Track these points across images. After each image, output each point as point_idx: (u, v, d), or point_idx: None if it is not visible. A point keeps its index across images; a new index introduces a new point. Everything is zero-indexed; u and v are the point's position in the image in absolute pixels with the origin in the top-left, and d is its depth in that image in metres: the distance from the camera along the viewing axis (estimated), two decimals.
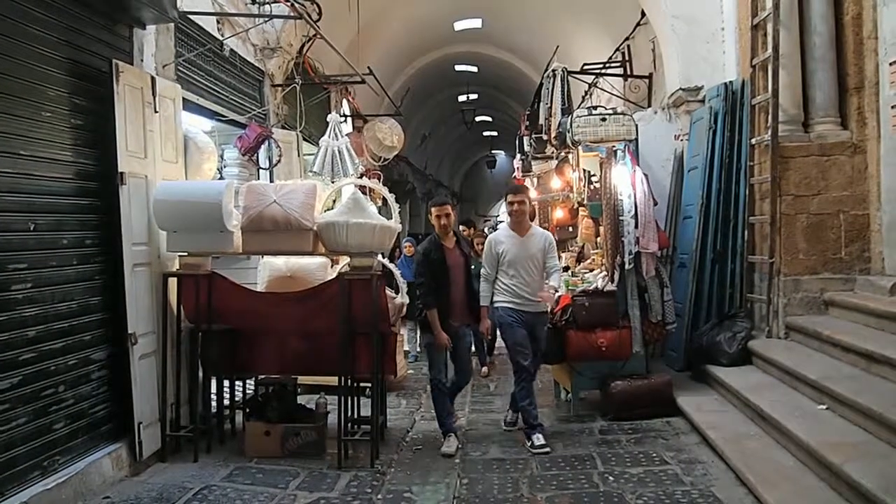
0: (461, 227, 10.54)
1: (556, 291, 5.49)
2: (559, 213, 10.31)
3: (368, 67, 9.58)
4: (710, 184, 6.77)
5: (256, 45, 7.44)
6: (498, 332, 6.06)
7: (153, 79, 5.04)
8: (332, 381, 5.36)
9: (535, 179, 11.94)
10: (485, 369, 8.29)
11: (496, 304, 5.44)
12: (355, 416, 5.49)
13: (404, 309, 5.76)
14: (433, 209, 5.50)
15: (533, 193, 12.27)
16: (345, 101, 10.69)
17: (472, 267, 5.66)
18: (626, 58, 9.54)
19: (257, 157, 7.05)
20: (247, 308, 5.36)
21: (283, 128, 7.94)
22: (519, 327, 5.38)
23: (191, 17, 5.86)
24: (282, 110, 8.07)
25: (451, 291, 5.38)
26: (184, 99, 5.57)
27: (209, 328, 5.24)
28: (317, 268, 5.78)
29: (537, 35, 12.67)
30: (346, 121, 10.11)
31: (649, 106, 8.73)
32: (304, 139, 8.32)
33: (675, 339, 6.70)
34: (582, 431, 5.62)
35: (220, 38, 6.53)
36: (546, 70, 8.44)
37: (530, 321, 5.42)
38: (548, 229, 11.46)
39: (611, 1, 9.55)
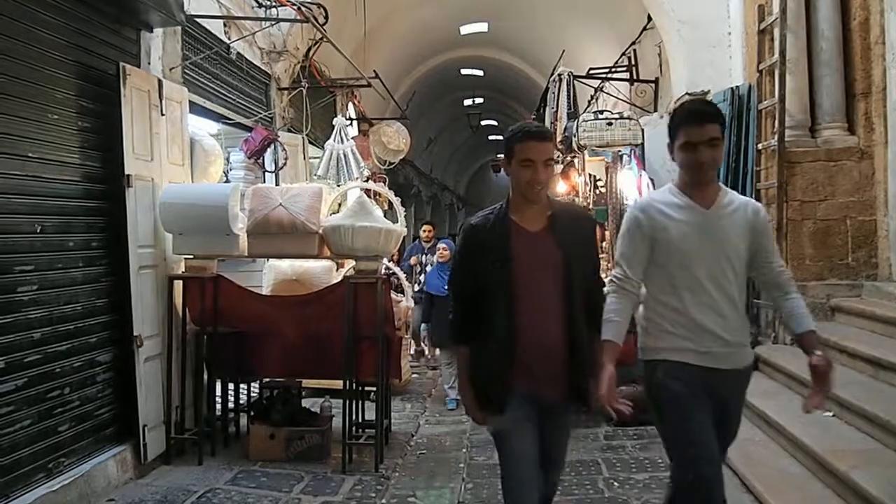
0: (424, 228, 9.72)
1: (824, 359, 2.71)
2: None
3: (374, 71, 9.59)
4: None
5: (263, 48, 7.46)
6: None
7: (160, 82, 5.05)
8: (337, 384, 5.36)
9: None
10: None
11: (648, 355, 2.80)
12: (360, 419, 5.48)
13: (410, 313, 5.73)
14: (516, 146, 2.70)
15: None
16: (350, 105, 10.71)
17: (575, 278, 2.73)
18: (633, 62, 9.53)
19: (263, 160, 7.06)
20: (252, 311, 5.36)
21: (289, 131, 7.96)
22: (698, 406, 2.67)
23: (198, 20, 5.87)
24: (288, 113, 8.09)
25: (520, 320, 2.69)
26: (190, 102, 5.58)
27: (214, 331, 5.24)
28: (322, 271, 5.79)
29: (543, 39, 12.67)
30: (351, 124, 10.13)
31: (655, 110, 8.72)
32: (310, 142, 8.34)
33: None
34: (587, 437, 5.59)
35: (227, 42, 6.55)
36: (552, 74, 8.46)
37: (721, 390, 2.71)
38: None
39: (617, 5, 9.54)
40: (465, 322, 2.81)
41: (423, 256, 9.12)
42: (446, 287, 6.09)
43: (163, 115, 5.05)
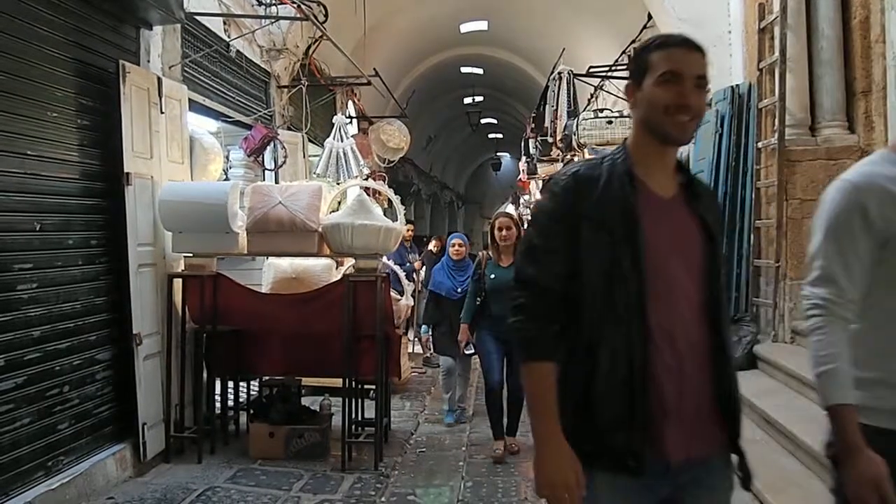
0: (432, 242, 9.73)
1: None
2: None
3: (374, 69, 9.58)
4: (716, 187, 6.74)
5: (262, 46, 7.44)
6: None
7: (159, 79, 5.04)
8: (337, 382, 5.36)
9: (540, 182, 11.97)
10: (499, 446, 5.32)
11: (869, 417, 1.78)
12: (359, 418, 5.48)
13: (409, 310, 5.71)
14: (654, 55, 1.75)
15: (539, 196, 12.31)
16: (350, 103, 10.70)
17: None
18: None
19: (263, 158, 7.05)
20: (251, 309, 5.36)
21: (289, 129, 7.95)
22: None
23: (197, 18, 5.86)
24: (287, 111, 8.08)
25: (654, 333, 1.69)
26: (190, 100, 5.57)
27: (214, 329, 5.24)
28: (322, 269, 5.79)
29: (543, 37, 12.66)
30: (351, 122, 10.12)
31: None
32: (310, 140, 8.33)
33: None
34: None
35: (227, 40, 6.53)
36: (552, 72, 8.45)
37: None
38: None
39: (617, 3, 9.53)
40: (552, 326, 1.74)
41: (409, 255, 9.16)
42: (458, 290, 5.89)
43: (162, 112, 5.04)
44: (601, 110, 6.79)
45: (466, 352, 5.68)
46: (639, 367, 1.66)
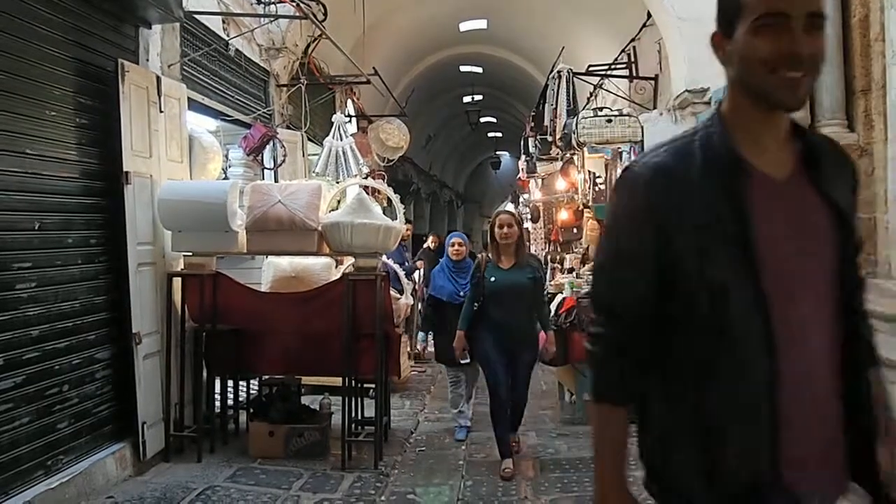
0: (429, 239, 9.80)
1: None
2: (564, 215, 10.35)
3: (374, 68, 9.58)
4: None
5: (262, 45, 7.44)
6: None
7: (159, 78, 5.04)
8: (336, 381, 5.35)
9: (539, 181, 11.99)
10: (508, 465, 4.83)
11: None
12: (359, 416, 5.48)
13: (408, 309, 5.68)
14: None
15: (538, 195, 12.33)
16: (349, 102, 10.70)
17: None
18: (632, 59, 9.51)
19: (262, 157, 7.05)
20: (251, 308, 5.36)
21: (288, 128, 7.94)
22: None
23: (196, 16, 5.86)
24: (287, 110, 8.08)
25: (779, 352, 1.35)
26: (189, 98, 5.56)
27: (213, 328, 5.24)
28: (321, 268, 5.78)
29: (543, 36, 12.66)
30: (350, 121, 10.12)
31: (655, 108, 8.69)
32: (309, 139, 8.33)
33: None
34: (586, 434, 5.59)
35: (226, 38, 6.53)
36: (551, 71, 8.44)
37: None
38: (552, 231, 11.56)
39: (617, 3, 9.53)
40: (630, 362, 1.48)
41: (407, 254, 9.18)
42: (460, 293, 5.58)
43: (161, 111, 5.03)
44: (601, 109, 6.78)
45: (462, 361, 5.34)
46: (764, 398, 1.35)
